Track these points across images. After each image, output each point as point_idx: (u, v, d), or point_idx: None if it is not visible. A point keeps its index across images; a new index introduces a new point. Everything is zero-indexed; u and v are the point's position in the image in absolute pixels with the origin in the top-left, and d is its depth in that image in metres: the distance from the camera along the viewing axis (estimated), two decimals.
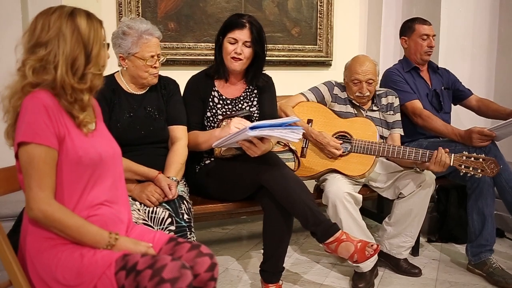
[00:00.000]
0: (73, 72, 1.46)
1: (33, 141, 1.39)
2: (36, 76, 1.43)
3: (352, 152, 2.59)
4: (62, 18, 1.45)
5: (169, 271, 1.34)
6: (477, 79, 3.54)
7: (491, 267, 2.62)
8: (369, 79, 2.66)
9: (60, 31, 1.44)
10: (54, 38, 1.44)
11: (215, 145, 2.19)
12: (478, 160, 2.42)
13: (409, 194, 2.58)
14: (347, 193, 2.44)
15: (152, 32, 2.15)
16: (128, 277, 1.38)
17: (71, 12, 1.48)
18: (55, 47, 1.43)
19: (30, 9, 2.50)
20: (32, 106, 1.41)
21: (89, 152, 1.48)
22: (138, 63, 2.14)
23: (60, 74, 1.43)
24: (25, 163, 1.40)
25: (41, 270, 1.44)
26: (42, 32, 1.45)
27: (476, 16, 3.53)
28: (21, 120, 1.42)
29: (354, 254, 2.11)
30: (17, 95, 1.44)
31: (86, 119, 1.50)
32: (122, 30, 2.14)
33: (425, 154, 2.46)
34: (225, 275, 2.66)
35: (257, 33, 2.36)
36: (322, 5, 3.65)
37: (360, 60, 2.71)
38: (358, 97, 2.70)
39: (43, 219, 1.40)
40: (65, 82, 1.44)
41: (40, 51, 1.44)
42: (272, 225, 2.25)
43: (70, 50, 1.44)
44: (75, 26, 1.46)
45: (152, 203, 1.96)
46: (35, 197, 1.39)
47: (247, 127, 1.94)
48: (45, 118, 1.41)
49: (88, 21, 1.48)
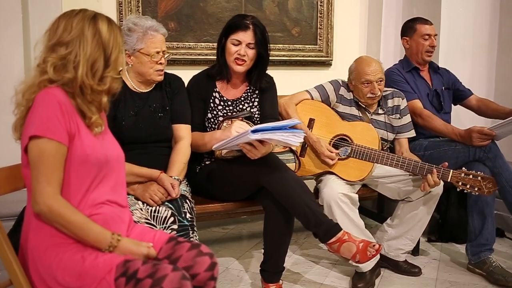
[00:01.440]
0: (92, 73, 1.49)
1: (45, 135, 1.41)
2: (57, 73, 1.46)
3: (351, 157, 2.58)
4: (84, 21, 1.49)
5: (169, 282, 1.35)
6: (477, 79, 3.53)
7: (491, 266, 2.62)
8: (379, 78, 2.65)
9: (82, 33, 1.48)
10: (76, 38, 1.47)
11: (216, 148, 2.19)
12: (477, 178, 2.42)
13: (418, 199, 2.57)
14: (342, 193, 2.44)
15: (157, 29, 2.16)
16: (127, 284, 1.38)
17: (94, 16, 1.52)
18: (76, 48, 1.47)
19: (30, 9, 2.50)
20: (46, 101, 1.43)
21: (97, 152, 1.50)
22: (144, 59, 2.14)
23: (80, 74, 1.46)
24: (35, 157, 1.41)
25: (42, 269, 1.44)
26: (64, 32, 1.48)
27: (477, 16, 3.53)
28: (34, 114, 1.43)
29: (356, 254, 2.12)
30: (32, 89, 1.47)
31: (98, 120, 1.53)
32: (127, 27, 2.14)
33: (423, 168, 2.45)
34: (225, 275, 2.66)
35: (261, 35, 2.35)
36: (322, 5, 3.65)
37: (367, 61, 2.70)
38: (370, 98, 2.68)
39: (48, 214, 1.41)
40: (85, 82, 1.47)
41: (61, 50, 1.47)
42: (272, 225, 2.26)
43: (90, 52, 1.48)
44: (97, 30, 1.50)
45: (155, 202, 1.96)
46: (42, 191, 1.40)
47: (249, 130, 1.94)
48: (58, 114, 1.43)
49: (109, 26, 1.53)
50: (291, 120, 2.18)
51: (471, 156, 2.69)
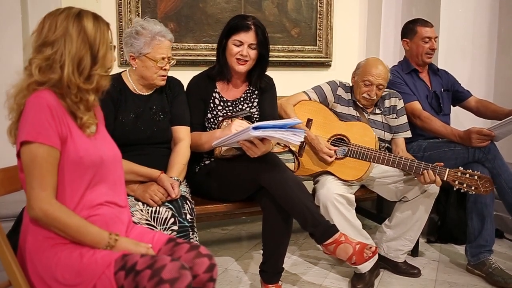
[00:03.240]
0: (79, 72, 1.48)
1: (36, 140, 1.40)
2: (43, 75, 1.45)
3: (348, 156, 2.59)
4: (69, 19, 1.48)
5: (169, 272, 1.35)
6: (477, 80, 3.54)
7: (490, 267, 2.62)
8: (380, 84, 2.67)
9: (67, 31, 1.47)
10: (60, 38, 1.46)
11: (216, 144, 2.19)
12: (473, 178, 2.42)
13: (413, 198, 2.58)
14: (338, 194, 2.45)
15: (165, 34, 2.16)
16: (127, 277, 1.38)
17: (78, 13, 1.51)
18: (61, 47, 1.46)
19: (30, 9, 2.50)
20: (36, 106, 1.43)
21: (90, 153, 1.49)
22: (149, 64, 2.15)
23: (66, 73, 1.45)
24: (28, 162, 1.41)
25: (41, 269, 1.44)
26: (49, 31, 1.47)
27: (476, 17, 3.53)
28: (24, 119, 1.43)
29: (352, 256, 2.12)
30: (22, 93, 1.46)
31: (89, 120, 1.52)
32: (135, 30, 2.14)
33: (419, 167, 2.45)
34: (225, 276, 2.66)
35: (262, 35, 2.36)
36: (321, 5, 3.65)
37: (376, 63, 2.71)
38: (364, 98, 2.69)
39: (44, 218, 1.41)
40: (71, 81, 1.46)
41: (46, 50, 1.46)
42: (271, 226, 2.26)
43: (76, 50, 1.47)
44: (82, 27, 1.48)
45: (155, 203, 1.96)
46: (37, 196, 1.40)
47: (250, 127, 1.94)
48: (48, 118, 1.42)
49: (94, 23, 1.51)
50: (292, 119, 2.18)
51: (470, 157, 2.69)
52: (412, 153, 2.80)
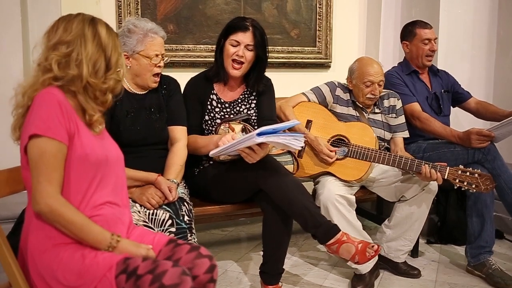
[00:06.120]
0: (95, 73, 1.50)
1: (46, 134, 1.41)
2: (62, 70, 1.48)
3: (349, 156, 2.59)
4: (84, 22, 1.52)
5: (170, 277, 1.35)
6: (476, 81, 3.54)
7: (490, 268, 2.62)
8: (381, 81, 2.69)
9: (83, 33, 1.50)
10: (76, 38, 1.49)
11: (214, 154, 2.14)
12: (474, 175, 2.42)
13: (412, 198, 2.58)
14: (339, 195, 2.46)
15: (157, 31, 2.16)
16: (128, 281, 1.38)
17: (92, 19, 1.55)
18: (77, 47, 1.49)
19: (30, 11, 2.50)
20: (46, 101, 1.44)
21: (96, 151, 1.50)
22: (143, 62, 2.14)
23: (85, 73, 1.48)
24: (35, 156, 1.42)
25: (42, 269, 1.44)
26: (64, 32, 1.50)
27: (475, 18, 3.54)
28: (34, 114, 1.44)
29: (355, 255, 2.12)
30: (35, 87, 1.48)
31: (100, 119, 1.54)
32: (127, 28, 2.14)
33: (420, 165, 2.44)
34: (225, 277, 2.66)
35: (260, 37, 2.36)
36: (321, 7, 3.65)
37: (370, 62, 2.72)
38: (369, 98, 2.70)
39: (49, 213, 1.41)
40: (90, 81, 1.49)
41: (62, 48, 1.48)
42: (271, 227, 2.26)
43: (91, 52, 1.50)
44: (96, 32, 1.52)
45: (152, 206, 1.96)
46: (43, 190, 1.40)
47: (255, 133, 1.94)
48: (58, 114, 1.44)
49: (107, 30, 1.56)
50: (291, 121, 2.18)
51: (470, 158, 2.69)
52: (411, 154, 2.80)
